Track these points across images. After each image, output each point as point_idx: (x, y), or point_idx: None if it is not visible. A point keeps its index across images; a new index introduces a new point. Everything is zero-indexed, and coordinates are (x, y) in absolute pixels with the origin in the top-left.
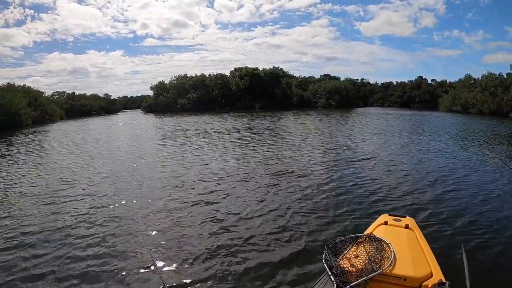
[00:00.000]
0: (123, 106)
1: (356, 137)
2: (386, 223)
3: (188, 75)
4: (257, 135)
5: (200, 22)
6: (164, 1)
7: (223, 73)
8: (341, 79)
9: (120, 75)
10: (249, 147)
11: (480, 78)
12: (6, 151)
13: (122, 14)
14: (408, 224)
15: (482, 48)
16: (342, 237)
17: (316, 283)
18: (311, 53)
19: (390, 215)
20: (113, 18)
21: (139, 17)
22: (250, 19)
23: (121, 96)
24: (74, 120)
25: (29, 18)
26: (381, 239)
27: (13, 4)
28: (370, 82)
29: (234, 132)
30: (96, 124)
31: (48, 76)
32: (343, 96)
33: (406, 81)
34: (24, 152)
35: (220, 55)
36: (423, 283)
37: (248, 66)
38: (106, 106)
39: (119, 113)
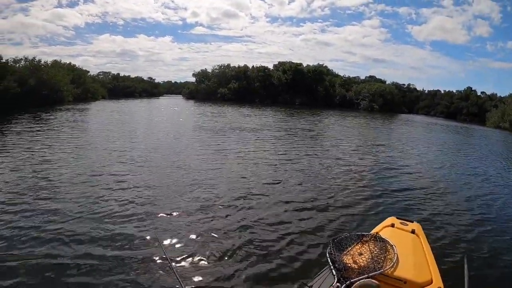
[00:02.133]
0: (166, 90)
1: (396, 145)
2: (393, 225)
3: (231, 65)
4: (294, 134)
5: (250, 14)
6: None
7: (266, 65)
8: (387, 83)
9: (168, 61)
10: (285, 144)
11: None
12: (40, 126)
13: (172, 1)
14: (414, 229)
15: None
16: (348, 233)
17: (318, 275)
18: (360, 53)
19: (397, 218)
20: (164, 4)
21: (190, 5)
22: (300, 14)
23: (165, 80)
24: (115, 100)
25: (81, 0)
26: (386, 240)
27: None
28: (417, 88)
29: (272, 129)
30: (134, 106)
31: (97, 57)
32: (387, 100)
33: (454, 91)
34: (52, 128)
35: (267, 48)
36: None
37: (293, 61)
38: (149, 89)
39: (161, 97)
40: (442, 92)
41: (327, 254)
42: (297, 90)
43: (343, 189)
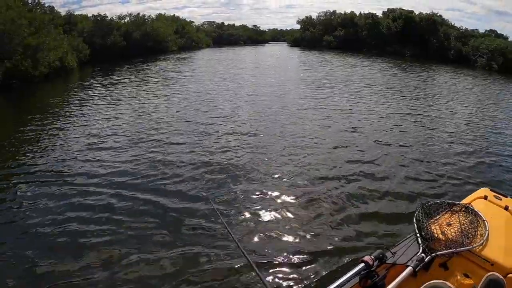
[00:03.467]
0: (271, 38)
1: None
2: (485, 197)
3: (338, 12)
4: (401, 93)
5: None
6: None
7: (374, 13)
8: (510, 39)
9: (273, 8)
10: (388, 105)
11: None
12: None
13: None
14: (508, 206)
15: None
16: (439, 200)
17: (403, 241)
18: (480, 2)
19: (491, 190)
20: None
21: None
22: None
23: (271, 28)
24: (219, 48)
25: None
26: (478, 214)
27: None
28: None
29: (375, 85)
30: (233, 53)
31: (202, 7)
32: (508, 60)
33: None
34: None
35: None
36: (509, 275)
37: (403, 8)
38: (254, 37)
39: (266, 45)
40: None
41: (414, 220)
42: (408, 40)
43: (443, 155)
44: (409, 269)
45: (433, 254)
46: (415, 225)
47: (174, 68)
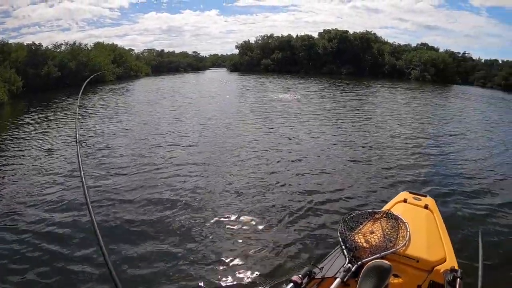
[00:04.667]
0: (212, 64)
1: (442, 125)
2: (405, 200)
3: (275, 35)
4: (336, 112)
5: None
6: None
7: (310, 34)
8: (440, 51)
9: (214, 34)
10: (322, 123)
11: None
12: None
13: None
14: (427, 204)
15: None
16: (360, 211)
17: (329, 256)
18: (411, 20)
19: (410, 193)
20: None
21: None
22: None
23: (212, 54)
24: (158, 76)
25: None
26: (398, 217)
27: None
28: (473, 58)
29: (312, 105)
30: (170, 82)
31: (144, 35)
32: (440, 70)
33: None
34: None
35: (314, 17)
36: (435, 268)
37: (338, 29)
38: (194, 64)
39: (206, 71)
40: (500, 61)
41: (338, 234)
42: (344, 59)
43: (368, 165)
44: (337, 280)
45: (359, 262)
46: (340, 238)
47: (111, 101)
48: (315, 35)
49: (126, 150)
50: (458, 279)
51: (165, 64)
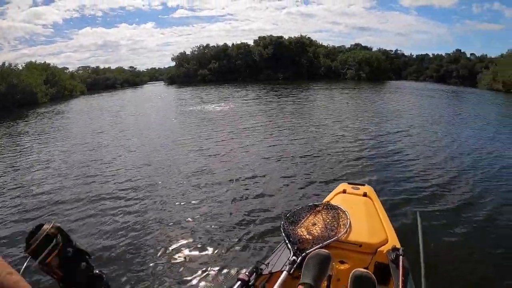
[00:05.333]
0: (150, 78)
1: (376, 118)
2: (344, 191)
3: (211, 45)
4: (272, 117)
5: None
6: None
7: (246, 42)
8: (373, 50)
9: (151, 47)
10: (256, 129)
11: None
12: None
13: None
14: (366, 192)
15: None
16: (300, 206)
17: (274, 252)
18: (344, 22)
19: (349, 183)
20: None
21: None
22: None
23: (149, 68)
24: (94, 94)
25: None
26: (338, 207)
27: None
28: (405, 54)
29: (249, 114)
30: (104, 100)
31: (80, 51)
32: (374, 68)
33: (443, 54)
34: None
35: (251, 25)
36: (378, 249)
37: (273, 35)
38: (131, 79)
39: (144, 86)
40: (431, 56)
41: (281, 229)
42: (280, 64)
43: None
44: (284, 273)
45: (303, 253)
46: (283, 234)
47: (36, 127)
48: (251, 42)
49: (42, 186)
50: (401, 256)
51: (101, 81)
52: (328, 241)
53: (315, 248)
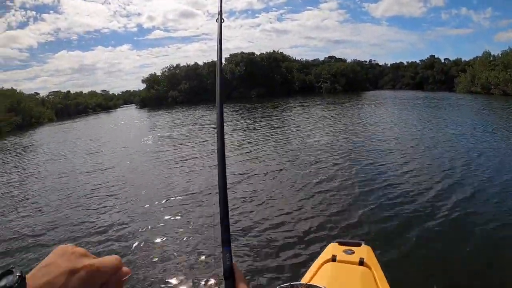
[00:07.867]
0: (124, 101)
1: (344, 132)
2: (334, 258)
3: (181, 65)
4: (238, 147)
5: (207, 11)
6: None
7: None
8: (348, 61)
9: (128, 70)
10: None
11: (500, 55)
12: None
13: (124, 8)
14: (363, 259)
15: (493, 26)
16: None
17: None
18: (318, 36)
19: (340, 243)
20: (116, 13)
21: (144, 10)
22: (255, 6)
23: (125, 90)
24: (63, 121)
25: (31, 19)
26: None
27: (13, 7)
28: (379, 64)
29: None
30: (68, 129)
31: (56, 75)
32: (349, 79)
33: (418, 61)
34: None
35: (227, 44)
36: None
37: (244, 51)
38: (103, 103)
39: (118, 109)
40: (405, 63)
41: None
42: (253, 81)
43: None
44: None
45: None
46: None
47: None
48: (223, 61)
49: None
50: None
51: (72, 106)
52: None
53: None
